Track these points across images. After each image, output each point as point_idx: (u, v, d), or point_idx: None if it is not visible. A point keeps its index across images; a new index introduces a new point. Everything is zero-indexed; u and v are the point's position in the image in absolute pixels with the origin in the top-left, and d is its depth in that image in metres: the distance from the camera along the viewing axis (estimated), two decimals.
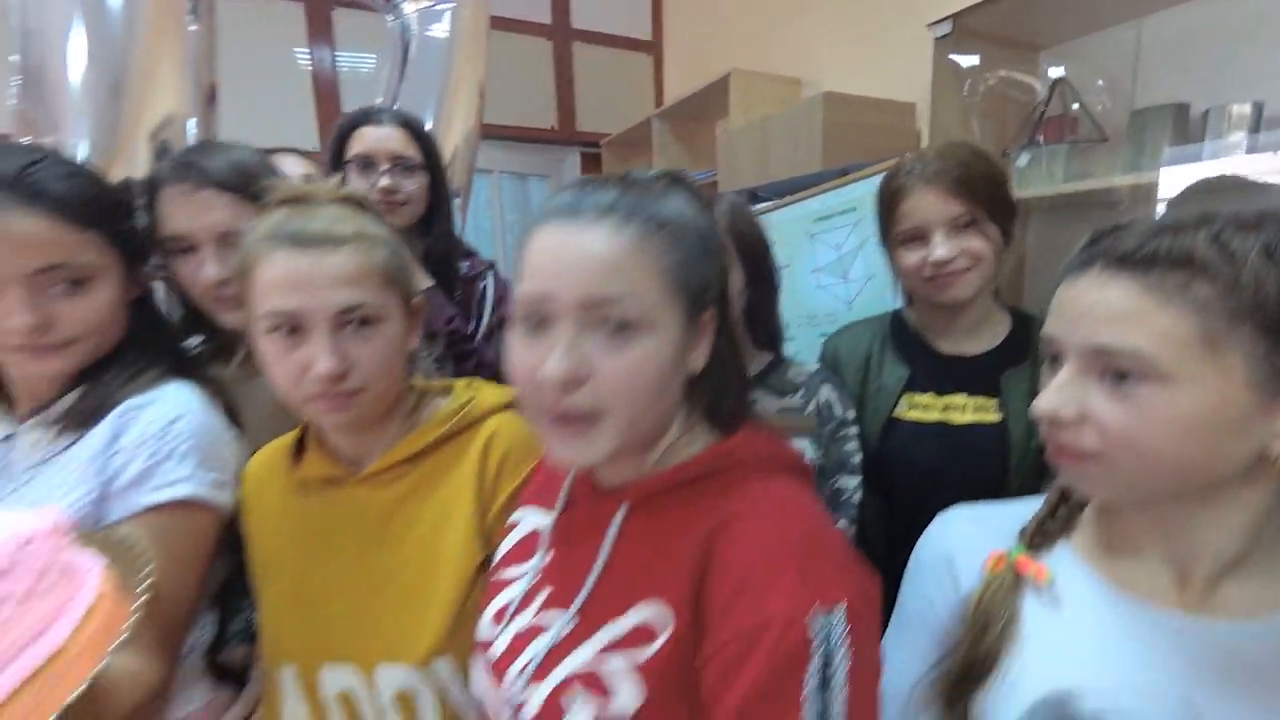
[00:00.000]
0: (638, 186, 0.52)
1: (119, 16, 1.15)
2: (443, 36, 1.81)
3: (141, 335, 0.77)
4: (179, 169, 0.83)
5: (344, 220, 0.66)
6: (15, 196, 0.64)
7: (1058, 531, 0.61)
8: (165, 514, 0.67)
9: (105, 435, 0.69)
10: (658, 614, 0.51)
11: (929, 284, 0.96)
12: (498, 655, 0.58)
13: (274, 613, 0.72)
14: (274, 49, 2.79)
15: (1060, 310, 0.53)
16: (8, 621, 0.38)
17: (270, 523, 0.75)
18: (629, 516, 0.56)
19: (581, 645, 0.53)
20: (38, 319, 0.66)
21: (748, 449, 0.56)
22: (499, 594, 0.63)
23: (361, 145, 1.20)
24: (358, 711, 0.68)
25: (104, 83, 1.15)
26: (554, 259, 0.50)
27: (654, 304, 0.50)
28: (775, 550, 0.49)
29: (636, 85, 3.57)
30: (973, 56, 1.57)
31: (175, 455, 0.69)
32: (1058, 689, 0.53)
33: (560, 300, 0.49)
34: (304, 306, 0.63)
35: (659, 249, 0.50)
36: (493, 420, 0.75)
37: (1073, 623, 0.56)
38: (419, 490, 0.72)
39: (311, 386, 0.64)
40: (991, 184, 0.93)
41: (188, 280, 0.85)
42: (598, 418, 0.50)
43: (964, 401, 0.98)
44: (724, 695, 0.46)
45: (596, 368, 0.49)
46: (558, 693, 0.52)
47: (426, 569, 0.69)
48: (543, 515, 0.65)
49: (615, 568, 0.55)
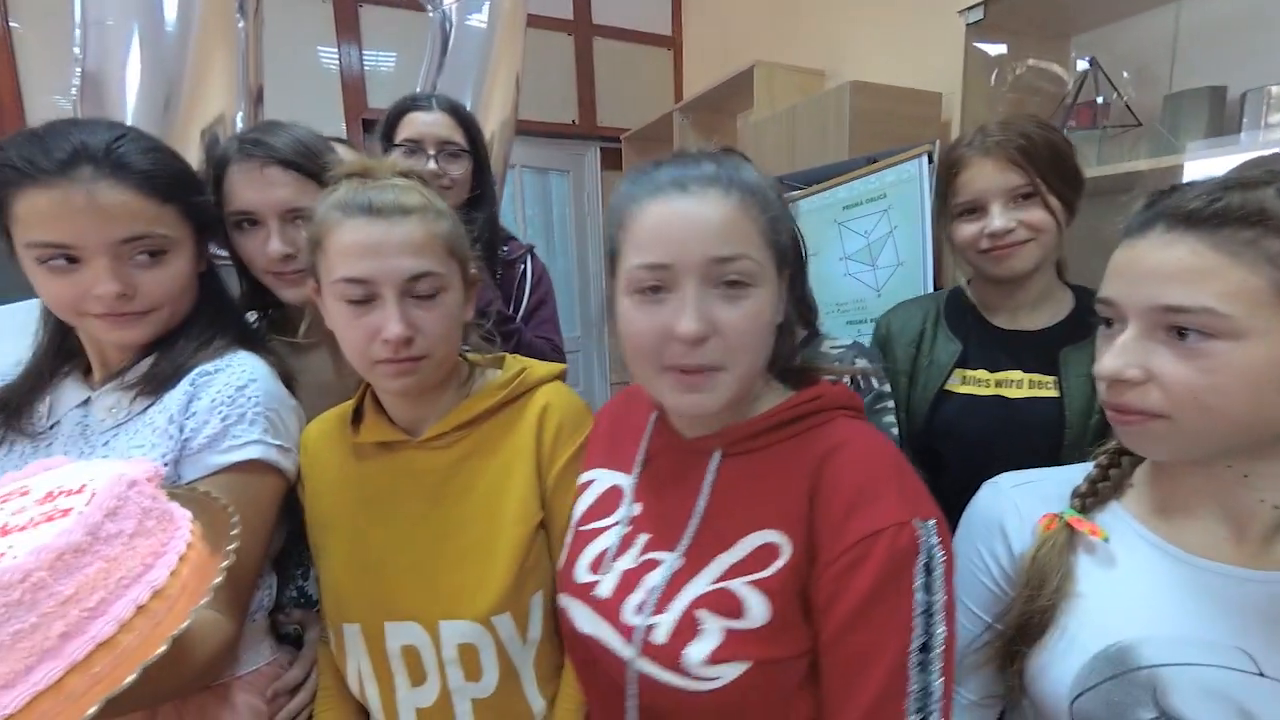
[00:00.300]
0: (722, 159, 0.58)
1: (174, 16, 1.18)
2: (482, 26, 1.84)
3: (208, 307, 0.80)
4: (247, 147, 0.85)
5: (410, 192, 0.69)
6: (104, 169, 0.67)
7: (1110, 492, 0.62)
8: (236, 474, 0.70)
9: (181, 399, 0.72)
10: (774, 539, 0.56)
11: (985, 256, 0.95)
12: (608, 594, 0.62)
13: (335, 574, 0.75)
14: (302, 47, 2.84)
15: (1120, 272, 0.54)
16: (118, 557, 0.41)
17: (329, 487, 0.78)
18: (722, 463, 0.61)
19: (698, 575, 0.58)
20: (122, 286, 0.69)
21: (830, 396, 0.62)
22: (590, 543, 0.67)
23: (410, 130, 1.23)
24: (421, 664, 0.70)
25: (159, 86, 1.17)
26: (673, 228, 0.55)
27: (760, 260, 0.56)
28: (877, 472, 0.56)
29: (656, 80, 3.59)
30: (1000, 45, 1.57)
31: (246, 418, 0.72)
32: (1116, 642, 0.54)
33: (683, 264, 0.54)
34: (375, 273, 0.65)
35: (757, 210, 0.56)
36: (544, 390, 0.78)
37: (1127, 579, 0.57)
38: (476, 454, 0.75)
39: (380, 351, 0.66)
40: (1055, 155, 0.92)
41: (251, 255, 0.88)
42: (721, 369, 0.56)
43: (1020, 377, 0.97)
44: (844, 594, 0.52)
45: (719, 323, 0.55)
46: (686, 616, 0.56)
47: (487, 528, 0.72)
48: (617, 474, 0.70)
49: (715, 507, 0.61)
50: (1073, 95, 1.49)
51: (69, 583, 0.37)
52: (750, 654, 0.54)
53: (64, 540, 0.37)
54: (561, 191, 3.61)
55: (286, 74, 2.61)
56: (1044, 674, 0.57)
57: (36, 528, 0.39)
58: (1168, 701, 0.51)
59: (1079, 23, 1.57)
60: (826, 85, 2.45)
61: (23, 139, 0.67)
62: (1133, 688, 0.52)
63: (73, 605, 0.37)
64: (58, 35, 2.34)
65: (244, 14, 1.28)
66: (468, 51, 1.85)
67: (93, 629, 0.37)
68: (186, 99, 1.19)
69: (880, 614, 0.52)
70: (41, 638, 0.35)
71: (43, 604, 0.36)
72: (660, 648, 0.56)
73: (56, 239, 0.67)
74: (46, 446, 0.73)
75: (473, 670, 0.70)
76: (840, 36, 2.45)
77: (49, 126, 0.69)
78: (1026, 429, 0.95)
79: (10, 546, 0.37)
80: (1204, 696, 0.50)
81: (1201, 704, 0.50)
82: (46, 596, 0.36)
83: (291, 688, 0.78)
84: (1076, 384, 0.93)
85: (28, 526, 0.39)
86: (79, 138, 0.67)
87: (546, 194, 3.58)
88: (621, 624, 0.60)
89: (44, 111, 2.42)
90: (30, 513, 0.41)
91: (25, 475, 0.49)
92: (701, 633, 0.55)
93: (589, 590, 0.64)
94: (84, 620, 0.37)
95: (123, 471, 0.45)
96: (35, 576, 0.35)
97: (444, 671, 0.70)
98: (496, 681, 0.71)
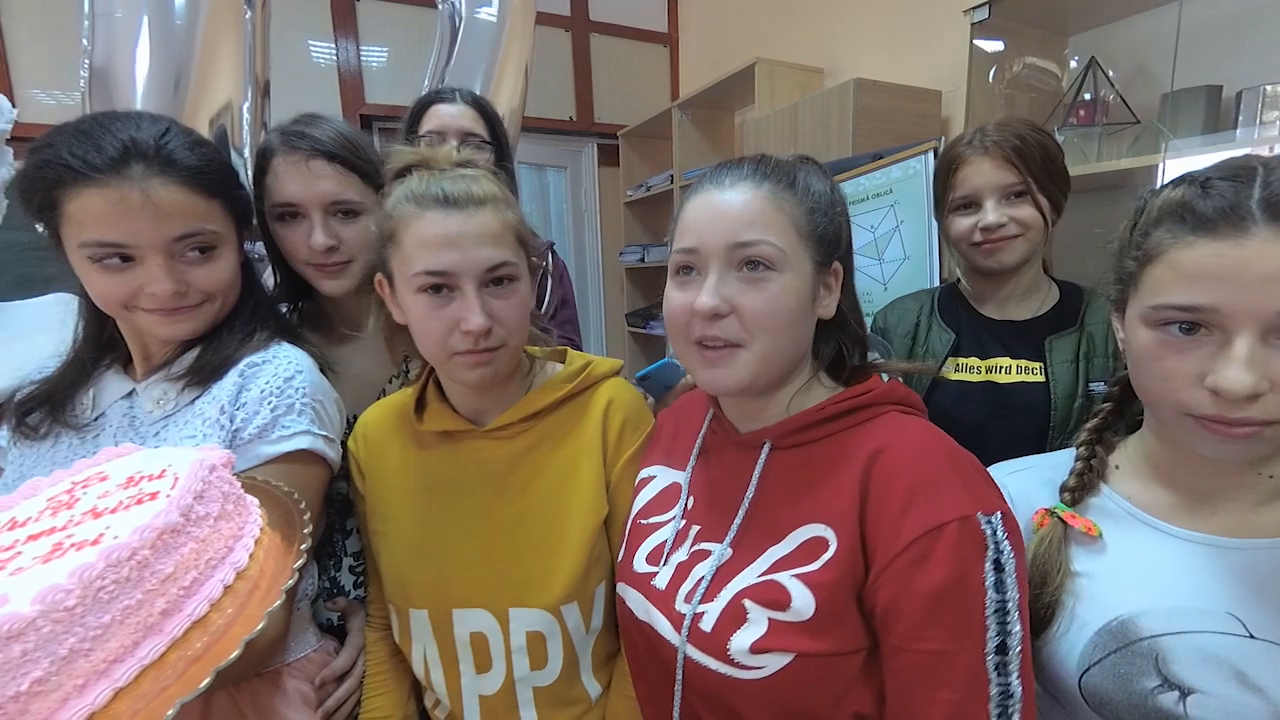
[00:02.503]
0: (772, 159, 0.62)
1: (182, 6, 1.18)
2: (491, 19, 1.85)
3: (248, 299, 0.80)
4: (291, 139, 0.86)
5: (481, 181, 0.69)
6: (155, 166, 0.67)
7: (1095, 480, 0.65)
8: (286, 464, 0.71)
9: (231, 389, 0.72)
10: (821, 533, 0.57)
11: (977, 249, 1.02)
12: (664, 585, 0.64)
13: (398, 560, 0.76)
14: (299, 41, 2.82)
15: (1217, 275, 0.49)
16: (206, 539, 0.42)
17: (391, 474, 0.78)
18: (771, 456, 0.63)
19: (747, 568, 0.59)
20: (177, 284, 0.69)
21: (881, 391, 0.63)
22: (649, 537, 0.69)
23: (434, 123, 1.24)
24: (489, 651, 0.72)
25: (168, 72, 1.17)
26: (703, 216, 0.60)
27: (787, 248, 0.58)
28: (935, 467, 0.55)
29: (652, 77, 3.60)
30: (1002, 43, 1.60)
31: (294, 409, 0.73)
32: (1117, 616, 0.57)
33: (708, 248, 0.59)
34: (455, 265, 0.65)
35: (791, 202, 0.59)
36: (608, 386, 0.78)
37: (1123, 557, 0.60)
38: (541, 445, 0.75)
39: (460, 343, 0.67)
40: (1046, 157, 0.98)
41: (294, 247, 0.88)
42: (739, 346, 0.59)
43: (1009, 364, 1.03)
44: (908, 595, 0.51)
45: (738, 303, 0.58)
46: (733, 605, 0.58)
47: (554, 519, 0.72)
48: (675, 472, 0.72)
49: (763, 501, 0.62)
50: (1072, 93, 1.52)
51: (168, 561, 0.38)
52: (793, 645, 0.54)
53: (162, 520, 0.38)
54: (559, 188, 3.61)
55: (284, 68, 2.58)
56: (1051, 655, 0.60)
57: (128, 510, 0.40)
58: (1169, 669, 0.54)
59: (1079, 21, 1.60)
60: (825, 83, 2.48)
61: (69, 136, 0.66)
62: (1136, 658, 0.55)
63: (171, 584, 0.38)
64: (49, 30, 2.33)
65: (250, 5, 1.28)
66: (477, 44, 1.86)
67: (188, 607, 0.38)
68: (194, 88, 1.20)
69: (951, 615, 0.50)
70: (145, 614, 0.36)
71: (146, 581, 0.37)
72: (707, 635, 0.57)
73: (113, 238, 0.66)
74: (93, 439, 0.74)
75: (539, 659, 0.71)
76: (838, 35, 2.47)
77: (94, 121, 0.68)
78: (1016, 412, 1.00)
79: (108, 527, 0.38)
80: (1202, 661, 0.53)
81: (1201, 668, 0.53)
82: (150, 575, 0.37)
83: (339, 675, 0.79)
84: (1061, 370, 0.99)
85: (118, 509, 0.41)
86: (128, 134, 0.67)
87: (544, 190, 3.59)
88: (673, 612, 0.61)
89: (35, 107, 2.39)
90: (117, 496, 0.42)
91: (98, 462, 0.50)
92: (748, 622, 0.56)
93: (648, 580, 0.66)
94: (180, 598, 0.38)
95: (202, 457, 0.46)
96: (140, 555, 0.37)
97: (510, 660, 0.71)
98: (560, 670, 0.72)
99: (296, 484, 0.71)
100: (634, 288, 3.58)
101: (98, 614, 0.34)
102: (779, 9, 2.78)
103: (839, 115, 1.91)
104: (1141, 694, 0.54)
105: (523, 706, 0.73)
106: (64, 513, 0.42)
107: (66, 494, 0.45)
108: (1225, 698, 0.52)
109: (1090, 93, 1.50)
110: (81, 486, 0.45)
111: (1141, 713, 0.54)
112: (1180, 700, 0.53)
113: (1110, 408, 0.68)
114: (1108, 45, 1.55)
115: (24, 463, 0.74)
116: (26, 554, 0.37)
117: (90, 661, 0.34)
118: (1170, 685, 0.54)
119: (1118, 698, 0.55)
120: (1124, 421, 0.67)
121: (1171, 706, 0.53)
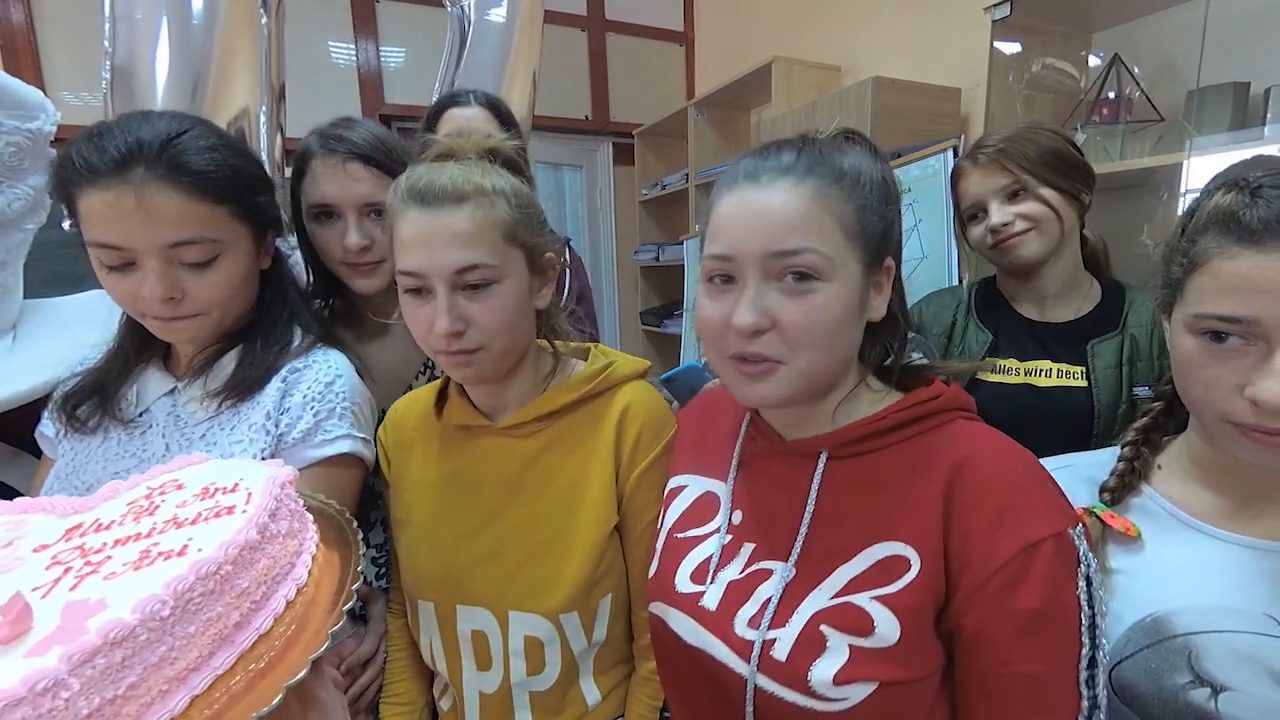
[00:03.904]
0: (815, 144, 0.55)
1: (200, 9, 1.20)
2: (500, 21, 1.87)
3: (278, 306, 0.81)
4: (330, 142, 0.88)
5: (470, 175, 0.66)
6: (157, 170, 0.66)
7: (1136, 480, 0.64)
8: (329, 467, 0.73)
9: (275, 395, 0.74)
10: (902, 552, 0.53)
11: (995, 251, 1.03)
12: (715, 605, 0.59)
13: (413, 551, 0.77)
14: (319, 42, 2.86)
15: (1256, 289, 0.49)
16: (276, 555, 0.43)
17: (415, 466, 0.79)
18: (828, 466, 0.58)
19: (818, 588, 0.55)
20: (168, 290, 0.68)
21: (947, 397, 0.58)
22: (690, 552, 0.64)
23: (449, 127, 1.26)
24: (489, 650, 0.72)
25: (187, 75, 1.20)
26: (738, 220, 0.54)
27: (834, 254, 0.53)
28: (1020, 483, 0.53)
29: (668, 75, 3.60)
30: (1023, 41, 1.59)
31: (335, 413, 0.74)
32: (1151, 613, 0.58)
33: (745, 256, 0.53)
34: (424, 266, 0.64)
35: (838, 199, 0.53)
36: (628, 389, 0.75)
37: (1160, 556, 0.60)
38: (556, 446, 0.74)
39: (435, 343, 0.67)
40: (1041, 151, 0.99)
41: (329, 246, 0.91)
42: (780, 362, 0.54)
43: (1049, 367, 1.02)
44: (1004, 615, 0.49)
45: (779, 317, 0.53)
46: (809, 632, 0.53)
47: (562, 525, 0.72)
48: (710, 481, 0.67)
49: (825, 515, 0.58)
50: (1095, 90, 1.51)
51: (245, 577, 0.40)
52: (878, 674, 0.50)
53: (243, 537, 0.40)
54: (574, 187, 3.63)
55: (305, 70, 2.63)
56: None
57: (208, 523, 0.42)
58: (1202, 666, 0.54)
59: (1102, 19, 1.59)
60: (843, 81, 2.47)
61: (85, 136, 0.67)
62: (1169, 654, 0.55)
63: (245, 598, 0.39)
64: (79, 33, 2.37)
65: (266, 9, 1.30)
66: (487, 47, 1.88)
67: (256, 621, 0.39)
68: (212, 91, 1.22)
69: (1051, 633, 0.49)
70: (222, 626, 0.38)
71: (226, 595, 0.38)
72: (782, 665, 0.53)
73: (109, 240, 0.67)
74: (140, 435, 0.75)
75: (536, 664, 0.71)
76: (856, 33, 2.47)
77: (112, 122, 0.68)
78: (1056, 417, 0.99)
79: (191, 539, 0.40)
80: (1236, 660, 0.53)
81: (1234, 667, 0.53)
82: (229, 588, 0.38)
83: (363, 662, 0.80)
84: (1105, 375, 0.98)
85: (198, 521, 0.42)
86: (135, 135, 0.66)
87: (559, 189, 3.60)
88: (735, 638, 0.56)
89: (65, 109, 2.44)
90: (195, 507, 0.44)
91: (172, 468, 0.51)
92: (827, 650, 0.52)
93: (695, 601, 0.61)
94: (250, 613, 0.39)
95: (274, 474, 0.47)
96: (223, 570, 0.38)
97: (509, 662, 0.71)
98: (557, 676, 0.72)
99: (337, 485, 0.72)
100: (648, 286, 3.59)
101: (185, 624, 0.36)
102: (796, 7, 2.77)
103: (857, 114, 1.91)
104: (1172, 689, 0.55)
105: (518, 710, 0.72)
106: (146, 519, 0.43)
107: (145, 499, 0.46)
108: (1259, 696, 0.52)
109: (1114, 90, 1.48)
110: (159, 493, 0.47)
111: (1172, 707, 0.55)
112: (1212, 697, 0.53)
113: (1161, 407, 0.67)
114: (1131, 42, 1.54)
115: (75, 457, 0.76)
116: (116, 559, 0.39)
117: (174, 669, 0.35)
118: (1202, 682, 0.54)
119: (1148, 692, 0.56)
120: (1174, 421, 0.66)
121: (1203, 703, 0.53)
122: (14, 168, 0.86)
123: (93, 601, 0.35)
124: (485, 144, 0.71)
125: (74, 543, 0.42)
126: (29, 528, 0.44)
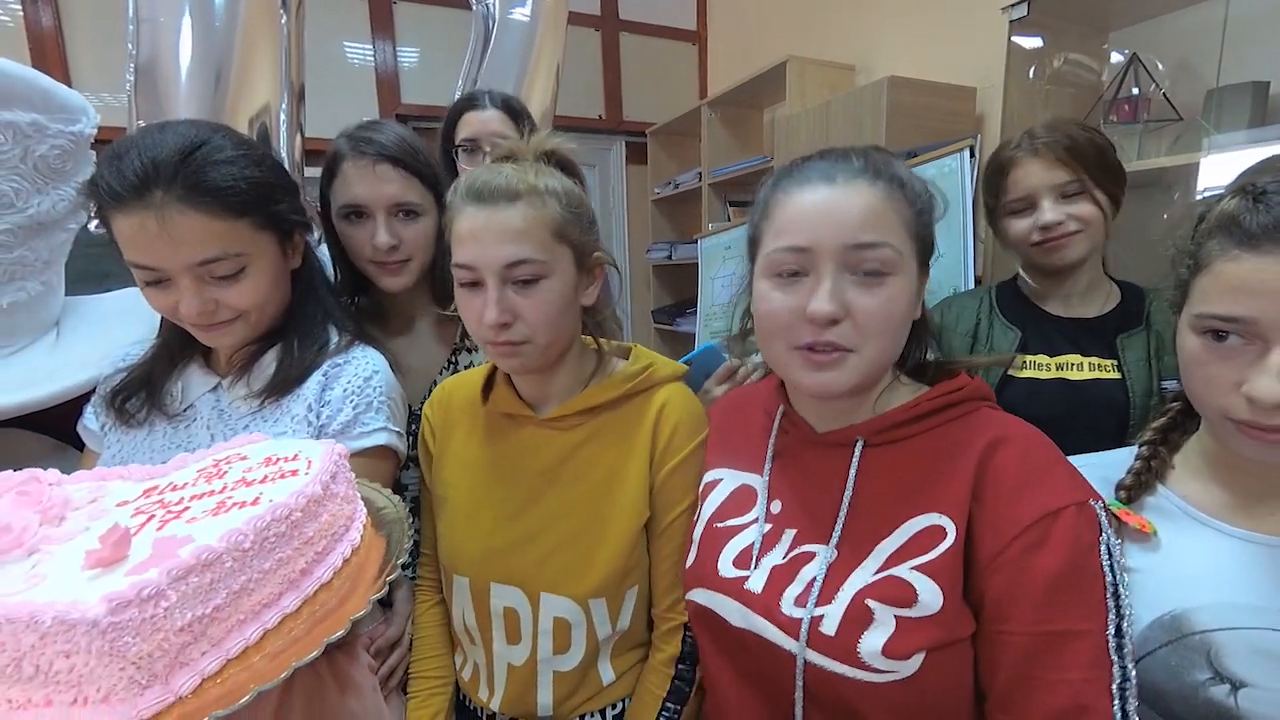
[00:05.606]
0: (880, 152, 0.60)
1: (221, 10, 1.22)
2: (525, 20, 1.89)
3: (312, 305, 0.83)
4: (360, 145, 0.91)
5: (524, 175, 0.69)
6: (174, 191, 0.67)
7: (1152, 479, 0.65)
8: (366, 459, 0.75)
9: (315, 388, 0.77)
10: (939, 522, 0.56)
11: (1038, 249, 1.02)
12: (760, 588, 0.62)
13: (452, 528, 0.80)
14: (336, 43, 2.89)
15: (1254, 291, 0.51)
16: (335, 514, 0.47)
17: (459, 445, 0.82)
18: (864, 453, 0.62)
19: (861, 565, 0.58)
20: (203, 304, 0.71)
21: (972, 388, 0.63)
22: (731, 540, 0.67)
23: (467, 129, 1.28)
24: (519, 626, 0.75)
25: (209, 75, 1.22)
26: (816, 215, 0.57)
27: (901, 250, 0.57)
28: (1043, 458, 0.57)
29: (681, 75, 3.61)
30: (1040, 39, 1.59)
31: (373, 407, 0.77)
32: (1169, 611, 0.58)
33: (822, 249, 0.56)
34: (476, 259, 0.68)
35: (902, 202, 0.58)
36: (665, 390, 0.78)
37: (1177, 554, 0.61)
38: (595, 440, 0.76)
39: (484, 334, 0.70)
40: (1099, 153, 0.99)
41: (358, 245, 0.94)
42: (850, 351, 0.57)
43: (1080, 360, 1.03)
44: (1028, 578, 0.51)
45: (854, 307, 0.56)
46: (855, 606, 0.56)
47: (597, 515, 0.74)
48: (745, 474, 0.71)
49: (863, 497, 0.61)
50: (1114, 89, 1.50)
51: (311, 527, 0.43)
52: (925, 641, 0.53)
53: (310, 489, 0.43)
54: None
55: (323, 70, 2.66)
56: None
57: (274, 482, 0.45)
58: (1221, 663, 0.55)
59: (1120, 17, 1.58)
60: (857, 80, 2.47)
61: (107, 158, 0.69)
62: (1188, 651, 0.56)
63: (310, 547, 0.43)
64: (105, 36, 2.41)
65: (286, 9, 1.32)
66: (510, 45, 1.89)
67: (318, 571, 0.43)
68: (234, 90, 1.24)
69: (1073, 597, 0.51)
70: (290, 569, 0.41)
71: (294, 540, 0.42)
72: (831, 640, 0.55)
73: (141, 261, 0.69)
74: (185, 428, 0.78)
75: (562, 643, 0.74)
76: (870, 32, 2.47)
77: (133, 141, 0.69)
78: (1092, 409, 1.00)
79: (262, 493, 0.43)
80: (1255, 657, 0.54)
81: (1254, 664, 0.54)
82: (298, 534, 0.42)
83: (391, 644, 0.82)
84: (1136, 368, 0.99)
85: (265, 481, 0.46)
86: (149, 156, 0.67)
87: None
88: (783, 616, 0.59)
89: None
90: (261, 471, 0.48)
91: (234, 445, 0.55)
92: (874, 623, 0.54)
93: (739, 585, 0.63)
94: (314, 562, 0.43)
95: (331, 446, 0.51)
96: (294, 516, 0.41)
97: (537, 639, 0.74)
98: (581, 657, 0.75)
99: (373, 476, 0.74)
100: (661, 285, 3.60)
101: (261, 560, 0.40)
102: (810, 6, 2.77)
103: (872, 113, 1.91)
104: (1193, 686, 0.55)
105: (541, 686, 0.75)
106: (216, 481, 0.47)
107: (214, 467, 0.50)
108: (1278, 692, 0.52)
109: (1134, 89, 1.48)
110: (226, 462, 0.51)
111: (1192, 704, 0.55)
112: (1231, 693, 0.54)
113: (1179, 407, 0.68)
114: (1150, 41, 1.53)
115: (123, 449, 0.79)
116: (195, 509, 0.43)
117: (251, 601, 0.39)
118: (1221, 679, 0.54)
119: (1169, 688, 0.56)
120: (1193, 421, 0.67)
121: (1223, 699, 0.54)
122: (58, 170, 0.89)
123: (180, 536, 0.39)
124: (544, 145, 0.74)
125: (153, 499, 0.45)
126: (109, 489, 0.49)
